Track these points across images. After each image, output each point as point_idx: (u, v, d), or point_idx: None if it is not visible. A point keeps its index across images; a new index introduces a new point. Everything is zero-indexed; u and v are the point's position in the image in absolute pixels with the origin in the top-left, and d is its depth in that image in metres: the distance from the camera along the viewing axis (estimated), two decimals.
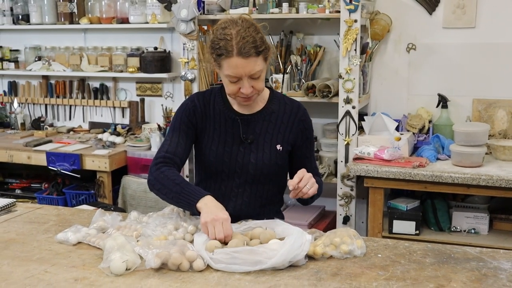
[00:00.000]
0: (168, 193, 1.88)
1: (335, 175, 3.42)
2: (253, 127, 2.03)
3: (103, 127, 4.35)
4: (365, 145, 3.20)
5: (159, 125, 3.93)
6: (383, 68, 3.61)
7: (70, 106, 4.55)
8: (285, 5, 3.38)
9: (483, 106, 3.39)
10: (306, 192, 1.84)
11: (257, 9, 3.47)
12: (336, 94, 3.31)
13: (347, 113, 3.25)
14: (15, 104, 4.58)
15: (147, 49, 4.11)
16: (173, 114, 2.16)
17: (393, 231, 3.14)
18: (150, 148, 3.88)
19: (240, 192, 2.04)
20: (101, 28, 4.28)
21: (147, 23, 4.01)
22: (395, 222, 3.14)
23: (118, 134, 4.13)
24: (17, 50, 4.64)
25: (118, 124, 4.32)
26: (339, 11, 3.17)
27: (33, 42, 4.57)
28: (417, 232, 3.12)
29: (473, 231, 3.13)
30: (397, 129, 3.33)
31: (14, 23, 4.47)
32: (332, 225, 3.48)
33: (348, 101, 3.23)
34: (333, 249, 1.68)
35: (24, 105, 4.63)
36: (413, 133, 3.38)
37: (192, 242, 1.71)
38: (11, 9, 4.48)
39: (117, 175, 3.82)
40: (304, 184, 1.83)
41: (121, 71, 4.22)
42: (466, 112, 3.45)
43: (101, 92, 4.41)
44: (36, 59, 4.48)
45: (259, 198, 2.06)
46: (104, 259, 1.61)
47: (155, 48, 4.06)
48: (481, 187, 2.87)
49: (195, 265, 1.59)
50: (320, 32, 3.68)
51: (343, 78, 3.22)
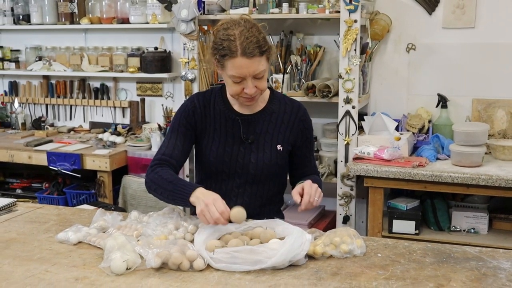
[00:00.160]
0: (163, 192, 1.91)
1: (335, 175, 3.42)
2: (254, 127, 2.03)
3: (104, 127, 4.36)
4: (365, 145, 3.21)
5: (160, 125, 3.93)
6: (383, 68, 3.61)
7: (71, 106, 4.56)
8: (285, 5, 3.39)
9: (483, 106, 3.39)
10: (314, 201, 1.87)
11: (257, 9, 3.47)
12: (336, 94, 3.32)
13: (347, 113, 3.26)
14: (16, 104, 4.58)
15: (148, 49, 4.11)
16: (173, 114, 2.17)
17: (393, 231, 3.14)
18: (151, 148, 3.88)
19: (241, 192, 2.05)
20: (102, 28, 4.29)
21: (148, 23, 4.01)
22: (395, 222, 3.15)
23: (119, 134, 4.13)
24: (18, 50, 4.65)
25: (119, 124, 4.33)
26: (339, 11, 3.18)
27: (34, 42, 4.57)
28: (417, 232, 3.12)
29: (473, 231, 3.14)
30: (397, 129, 3.33)
31: (15, 23, 4.48)
32: (332, 225, 3.49)
33: (348, 101, 3.24)
34: (333, 249, 1.68)
35: (25, 105, 4.63)
36: (413, 133, 3.38)
37: (193, 242, 1.71)
38: (12, 9, 4.49)
39: (118, 175, 3.82)
40: (313, 197, 1.86)
41: (122, 71, 4.23)
42: (466, 112, 3.45)
43: (102, 92, 4.41)
44: (37, 59, 4.49)
45: (259, 198, 2.07)
46: (105, 259, 1.61)
47: (156, 48, 4.07)
48: (481, 187, 2.88)
49: (196, 265, 1.60)
50: (320, 32, 3.69)
51: (343, 78, 3.22)
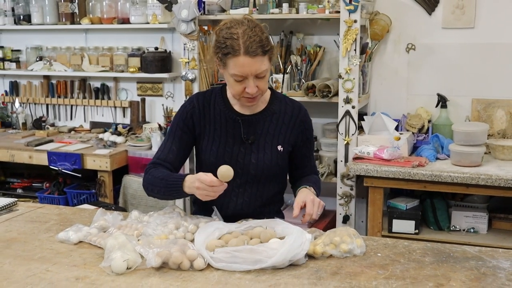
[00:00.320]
0: (159, 191, 1.95)
1: (335, 175, 3.43)
2: (254, 128, 2.04)
3: (104, 127, 4.36)
4: (365, 145, 3.21)
5: (160, 125, 3.94)
6: (383, 68, 3.62)
7: (71, 106, 4.56)
8: (285, 6, 3.39)
9: (482, 106, 3.40)
10: (316, 217, 1.92)
11: (257, 10, 3.48)
12: (336, 94, 3.32)
13: (347, 113, 3.26)
14: (17, 104, 4.59)
15: (148, 49, 4.12)
16: (174, 115, 2.18)
17: (393, 230, 3.15)
18: (151, 148, 3.89)
19: (241, 192, 2.05)
20: (102, 28, 4.29)
21: (148, 24, 4.01)
22: (395, 221, 3.15)
23: (119, 134, 4.14)
24: (19, 50, 4.65)
25: (119, 124, 4.33)
26: (339, 12, 3.18)
27: (35, 42, 4.58)
28: (417, 231, 3.13)
29: (472, 230, 3.14)
30: (397, 129, 3.34)
31: (16, 23, 4.48)
32: (332, 224, 3.49)
33: (348, 101, 3.24)
34: (333, 248, 1.69)
35: (26, 105, 4.64)
36: (413, 133, 3.38)
37: (193, 241, 1.71)
38: (13, 10, 4.49)
39: (118, 175, 3.83)
40: (315, 214, 1.91)
41: (122, 71, 4.23)
42: (465, 112, 3.46)
43: (102, 92, 4.41)
44: (38, 59, 4.49)
45: (260, 198, 2.07)
46: (105, 258, 1.62)
47: (156, 48, 4.07)
48: (480, 187, 2.88)
49: (196, 264, 1.60)
50: (320, 32, 3.69)
51: (343, 78, 3.22)
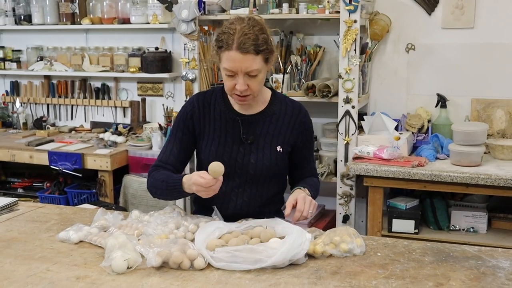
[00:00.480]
0: (162, 193, 1.99)
1: (335, 174, 3.43)
2: (254, 128, 2.04)
3: (105, 127, 4.37)
4: (365, 145, 3.22)
5: (160, 125, 3.94)
6: (383, 68, 3.62)
7: (72, 106, 4.56)
8: (285, 6, 3.40)
9: (482, 106, 3.40)
10: (307, 215, 1.89)
11: (258, 10, 3.48)
12: (336, 94, 3.32)
13: (347, 113, 3.27)
14: (17, 104, 4.59)
15: (148, 49, 4.12)
16: (174, 114, 2.19)
17: (393, 230, 3.15)
18: (151, 148, 3.89)
19: (240, 192, 2.05)
20: (103, 29, 4.29)
21: (148, 24, 4.02)
22: (395, 221, 3.15)
23: (120, 134, 4.14)
24: (19, 50, 4.65)
25: (120, 124, 4.34)
26: (339, 12, 3.18)
27: (35, 42, 4.58)
28: (416, 231, 3.13)
29: (472, 230, 3.15)
30: (396, 129, 3.34)
31: (16, 24, 4.49)
32: (332, 224, 3.49)
33: (348, 101, 3.25)
34: (333, 248, 1.69)
35: (26, 105, 4.64)
36: (412, 133, 3.39)
37: (193, 241, 1.72)
38: (13, 10, 4.49)
39: (119, 174, 3.83)
40: (306, 211, 1.88)
41: (123, 71, 4.23)
42: (465, 112, 3.46)
43: (103, 92, 4.42)
44: (38, 59, 4.50)
45: (259, 198, 2.08)
46: (106, 258, 1.62)
47: (156, 48, 4.07)
48: (480, 186, 2.88)
49: (196, 264, 1.60)
50: (320, 32, 3.69)
51: (343, 78, 3.23)
